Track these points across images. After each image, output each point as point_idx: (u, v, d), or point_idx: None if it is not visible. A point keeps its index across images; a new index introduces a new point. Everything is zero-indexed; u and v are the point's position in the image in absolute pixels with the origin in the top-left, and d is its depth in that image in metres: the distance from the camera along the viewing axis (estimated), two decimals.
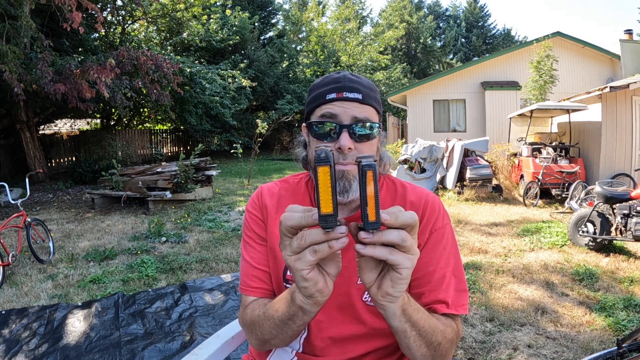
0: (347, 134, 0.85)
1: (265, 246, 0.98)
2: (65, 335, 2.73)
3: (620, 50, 11.73)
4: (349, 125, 0.85)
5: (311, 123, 0.89)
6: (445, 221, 0.93)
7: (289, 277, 0.92)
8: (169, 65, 8.86)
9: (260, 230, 0.99)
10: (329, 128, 0.86)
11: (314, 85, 0.93)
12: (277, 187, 1.03)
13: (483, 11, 37.78)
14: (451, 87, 12.91)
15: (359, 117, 0.86)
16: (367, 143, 0.87)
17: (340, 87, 0.87)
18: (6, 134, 10.70)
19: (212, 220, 5.95)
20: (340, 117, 0.86)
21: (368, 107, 0.88)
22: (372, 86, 0.91)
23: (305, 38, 25.33)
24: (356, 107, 0.86)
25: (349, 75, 0.90)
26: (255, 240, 0.99)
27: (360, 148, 0.86)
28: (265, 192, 1.03)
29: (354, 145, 0.85)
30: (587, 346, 2.46)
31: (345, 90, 0.87)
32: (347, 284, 0.89)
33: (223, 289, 3.44)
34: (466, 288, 0.91)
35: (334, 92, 0.87)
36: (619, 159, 7.11)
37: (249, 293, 0.94)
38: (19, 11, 6.98)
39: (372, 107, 0.89)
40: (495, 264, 3.98)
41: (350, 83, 0.88)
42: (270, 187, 1.04)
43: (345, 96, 0.86)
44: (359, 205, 0.93)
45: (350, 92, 0.87)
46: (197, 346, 1.07)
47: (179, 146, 17.60)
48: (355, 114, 0.86)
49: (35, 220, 4.35)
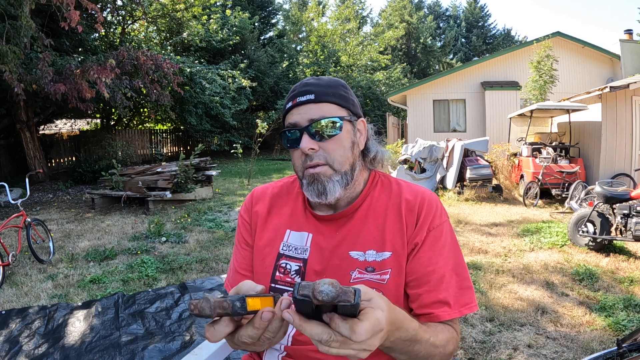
0: (306, 136, 0.85)
1: (249, 251, 0.99)
2: (65, 335, 2.73)
3: (620, 50, 11.73)
4: (306, 127, 0.86)
5: (282, 136, 0.91)
6: (443, 219, 0.91)
7: (278, 278, 0.92)
8: (169, 65, 8.86)
9: (247, 235, 1.01)
10: (294, 135, 0.87)
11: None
12: (270, 189, 1.04)
13: (483, 11, 37.78)
14: (451, 87, 12.91)
15: (314, 117, 0.86)
16: (330, 141, 0.86)
17: (294, 95, 0.89)
18: (6, 134, 10.71)
19: (212, 220, 5.95)
20: (299, 123, 0.87)
21: (324, 104, 0.87)
22: (332, 83, 0.91)
23: (305, 38, 25.33)
24: (310, 109, 0.87)
25: (307, 80, 0.91)
26: (242, 244, 1.01)
27: (326, 146, 0.86)
28: (256, 195, 1.04)
29: (317, 145, 0.85)
30: (587, 346, 2.46)
31: (298, 95, 0.88)
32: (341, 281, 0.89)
33: (223, 289, 3.44)
34: (470, 285, 0.88)
35: (290, 101, 0.90)
36: (619, 159, 7.11)
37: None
38: (19, 11, 6.98)
39: (330, 104, 0.88)
40: (495, 264, 3.98)
41: (303, 87, 0.89)
42: (262, 190, 1.05)
43: (299, 101, 0.88)
44: (345, 205, 0.93)
45: (302, 96, 0.88)
46: (197, 346, 1.07)
47: (179, 146, 17.60)
48: (310, 115, 0.86)
49: (35, 220, 4.35)
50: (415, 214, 0.89)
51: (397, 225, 0.89)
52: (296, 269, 0.91)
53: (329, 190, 0.86)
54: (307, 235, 0.93)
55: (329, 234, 0.92)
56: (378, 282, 0.86)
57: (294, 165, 0.92)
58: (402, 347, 0.70)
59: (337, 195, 0.87)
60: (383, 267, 0.87)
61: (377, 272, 0.86)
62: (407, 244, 0.87)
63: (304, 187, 0.89)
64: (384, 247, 0.88)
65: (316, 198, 0.87)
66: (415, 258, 0.87)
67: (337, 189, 0.86)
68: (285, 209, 0.99)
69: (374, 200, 0.94)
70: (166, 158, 13.38)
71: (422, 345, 0.73)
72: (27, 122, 9.52)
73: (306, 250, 0.91)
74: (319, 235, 0.92)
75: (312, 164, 0.86)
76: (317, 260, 0.90)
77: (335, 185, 0.86)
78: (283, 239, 0.95)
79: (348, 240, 0.90)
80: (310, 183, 0.87)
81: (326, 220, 0.93)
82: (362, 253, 0.88)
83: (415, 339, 0.71)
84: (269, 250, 0.95)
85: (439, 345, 0.77)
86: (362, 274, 0.87)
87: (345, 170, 0.88)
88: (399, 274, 0.86)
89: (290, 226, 0.96)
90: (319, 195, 0.86)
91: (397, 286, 0.86)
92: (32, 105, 9.21)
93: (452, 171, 7.59)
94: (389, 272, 0.86)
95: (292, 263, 0.92)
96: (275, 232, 0.96)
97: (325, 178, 0.85)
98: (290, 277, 0.91)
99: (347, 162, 0.88)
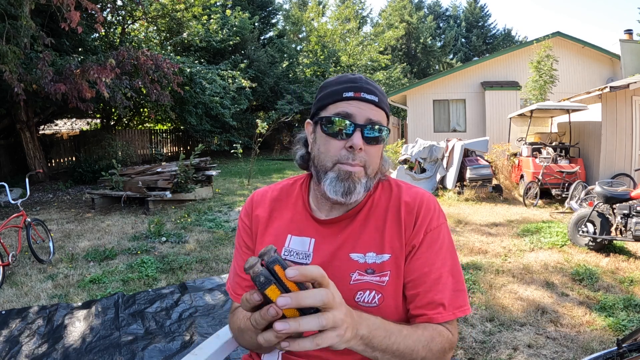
0: (360, 133, 0.85)
1: (250, 255, 1.00)
2: (65, 335, 2.73)
3: (620, 50, 11.73)
4: (363, 125, 0.85)
5: (322, 118, 0.88)
6: (441, 221, 0.92)
7: None
8: (169, 65, 8.86)
9: (248, 238, 1.00)
10: (341, 126, 0.86)
11: (328, 82, 0.93)
12: (270, 192, 1.04)
13: (483, 11, 37.78)
14: (451, 87, 12.91)
15: (373, 119, 0.86)
16: (375, 146, 0.88)
17: (358, 87, 0.87)
18: (6, 134, 10.71)
19: (212, 220, 5.95)
20: (355, 117, 0.86)
21: (381, 111, 0.89)
22: (384, 92, 0.93)
23: (305, 38, 25.33)
24: (371, 109, 0.87)
25: (365, 78, 0.91)
26: (243, 248, 1.01)
27: (369, 150, 0.87)
28: (256, 199, 1.04)
29: (364, 146, 0.86)
30: (587, 346, 2.46)
31: (363, 91, 0.87)
32: (339, 284, 0.89)
33: (223, 289, 3.43)
34: (464, 288, 0.89)
35: (352, 90, 0.87)
36: (619, 159, 7.11)
37: (235, 299, 0.99)
38: (19, 11, 6.98)
39: (384, 112, 0.90)
40: (495, 264, 3.98)
41: (367, 85, 0.89)
42: (262, 193, 1.04)
43: (363, 97, 0.87)
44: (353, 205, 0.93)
45: (368, 94, 0.87)
46: (197, 346, 1.07)
47: (179, 146, 17.60)
48: (370, 115, 0.86)
49: (35, 220, 4.35)
50: (413, 216, 0.90)
51: (396, 227, 0.90)
52: None
53: (357, 191, 0.86)
54: (309, 241, 0.93)
55: (330, 237, 0.92)
56: (378, 284, 0.87)
57: (323, 153, 0.88)
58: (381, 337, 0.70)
59: (358, 198, 0.88)
60: (382, 269, 0.87)
61: (376, 274, 0.87)
62: (406, 245, 0.88)
63: (327, 180, 0.87)
64: (383, 249, 0.88)
65: (340, 196, 0.86)
66: (412, 259, 0.87)
67: (361, 192, 0.87)
68: (285, 213, 0.99)
69: (374, 202, 0.94)
70: (166, 158, 13.38)
71: (397, 336, 0.74)
72: (27, 122, 9.52)
73: (309, 255, 0.92)
74: (321, 239, 0.92)
75: (354, 163, 0.86)
76: (319, 263, 0.90)
77: (362, 188, 0.87)
78: (284, 244, 0.94)
79: (349, 243, 0.90)
80: (340, 179, 0.86)
81: (328, 224, 0.93)
82: (362, 255, 0.88)
83: (386, 328, 0.72)
84: None
85: (419, 339, 0.77)
86: (362, 275, 0.87)
87: (372, 177, 0.90)
88: (398, 275, 0.87)
89: (291, 231, 0.95)
90: (344, 193, 0.86)
91: (396, 288, 0.87)
92: (32, 105, 9.20)
93: (452, 171, 7.59)
94: (388, 274, 0.87)
95: None
96: (277, 237, 0.96)
97: (357, 179, 0.86)
98: None
99: (376, 170, 0.91)
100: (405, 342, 0.74)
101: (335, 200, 0.87)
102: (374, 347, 0.69)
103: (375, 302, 0.86)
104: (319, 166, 0.90)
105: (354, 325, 0.64)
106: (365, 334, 0.67)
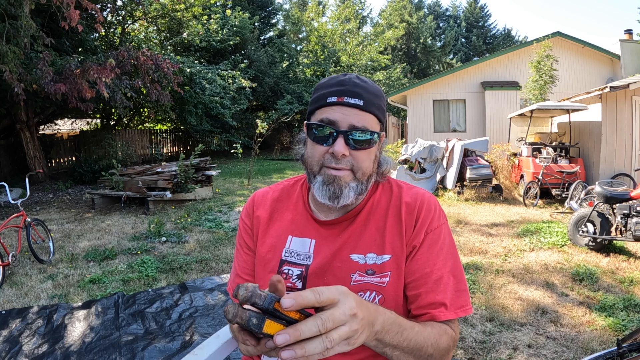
0: (342, 140, 0.83)
1: (251, 255, 0.99)
2: (65, 335, 2.73)
3: (620, 50, 11.73)
4: (345, 132, 0.84)
5: (310, 125, 0.88)
6: (442, 221, 0.91)
7: None
8: (169, 65, 8.86)
9: (249, 239, 1.00)
10: (324, 133, 0.85)
11: (320, 84, 0.92)
12: (271, 193, 1.03)
13: (483, 11, 37.77)
14: (451, 87, 12.91)
15: (357, 125, 0.84)
16: (363, 151, 0.86)
17: (343, 91, 0.85)
18: (6, 134, 10.70)
19: (212, 220, 5.95)
20: (338, 124, 0.84)
21: (368, 114, 0.86)
22: (377, 92, 0.89)
23: (305, 38, 25.32)
24: (356, 114, 0.85)
25: (354, 79, 0.88)
26: (244, 248, 1.01)
27: (356, 155, 0.86)
28: (257, 200, 1.03)
29: (349, 151, 0.84)
30: (587, 346, 2.46)
31: (347, 95, 0.85)
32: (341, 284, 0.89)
33: (223, 289, 3.44)
34: (466, 287, 0.89)
35: (335, 95, 0.85)
36: (619, 159, 7.11)
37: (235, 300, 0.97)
38: (19, 11, 6.98)
39: (372, 115, 0.87)
40: (495, 264, 3.97)
41: (354, 88, 0.86)
42: (263, 194, 1.04)
43: (346, 101, 0.84)
44: (351, 207, 0.93)
45: (352, 98, 0.85)
46: (197, 346, 1.07)
47: (179, 146, 17.59)
48: (354, 121, 0.84)
49: (35, 220, 4.35)
50: (414, 217, 0.90)
51: (397, 228, 0.90)
52: (298, 274, 0.91)
53: (344, 195, 0.85)
54: (309, 242, 0.93)
55: (331, 238, 0.92)
56: (378, 285, 0.86)
57: (310, 157, 0.89)
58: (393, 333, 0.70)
59: (348, 202, 0.87)
60: (383, 270, 0.87)
61: (377, 275, 0.87)
62: (406, 246, 0.88)
63: (316, 185, 0.87)
64: (384, 250, 0.88)
65: (327, 200, 0.86)
66: (413, 260, 0.87)
67: (351, 195, 0.86)
68: (286, 214, 0.99)
69: (375, 203, 0.94)
70: (166, 158, 13.39)
71: (409, 332, 0.73)
72: (27, 122, 9.52)
73: (309, 256, 0.91)
74: (322, 240, 0.92)
75: (337, 167, 0.85)
76: (319, 265, 0.90)
77: (351, 192, 0.86)
78: (285, 245, 0.94)
79: (349, 244, 0.90)
80: (327, 183, 0.86)
81: (328, 225, 0.93)
82: (363, 256, 0.88)
83: (399, 324, 0.71)
84: (271, 256, 0.95)
85: (428, 336, 0.77)
86: (363, 276, 0.87)
87: (363, 180, 0.88)
88: (399, 276, 0.87)
89: (292, 232, 0.95)
90: (331, 197, 0.85)
91: (396, 289, 0.87)
92: (32, 105, 9.20)
93: (452, 171, 7.59)
94: (389, 275, 0.87)
95: (294, 269, 0.92)
96: (277, 238, 0.96)
97: (345, 183, 0.85)
98: (291, 282, 0.91)
99: (367, 173, 0.89)
100: (416, 339, 0.74)
101: (324, 204, 0.88)
102: (386, 343, 0.69)
103: (375, 302, 0.86)
104: (309, 169, 0.90)
105: (369, 324, 0.63)
106: (379, 329, 0.67)
